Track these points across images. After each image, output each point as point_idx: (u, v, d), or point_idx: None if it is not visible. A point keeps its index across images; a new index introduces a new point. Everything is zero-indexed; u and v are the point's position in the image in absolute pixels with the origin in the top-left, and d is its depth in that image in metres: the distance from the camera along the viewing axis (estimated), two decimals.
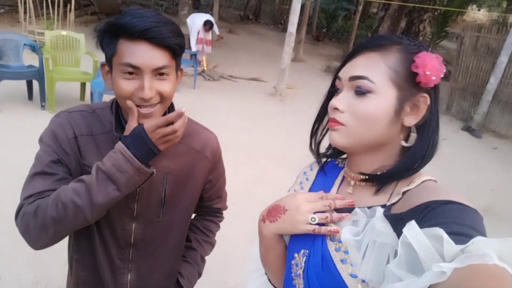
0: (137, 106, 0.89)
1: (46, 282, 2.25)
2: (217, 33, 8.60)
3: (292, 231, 0.76)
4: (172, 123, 0.88)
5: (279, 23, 17.36)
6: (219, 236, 1.35)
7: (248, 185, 3.81)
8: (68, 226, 0.88)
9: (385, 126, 0.69)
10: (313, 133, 0.86)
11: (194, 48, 7.72)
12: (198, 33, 7.86)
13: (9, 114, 4.36)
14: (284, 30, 7.11)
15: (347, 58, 0.74)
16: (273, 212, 0.78)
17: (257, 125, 5.53)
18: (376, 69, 0.69)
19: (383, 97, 0.68)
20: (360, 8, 14.06)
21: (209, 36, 8.13)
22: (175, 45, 0.88)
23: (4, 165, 3.32)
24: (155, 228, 1.08)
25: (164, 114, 1.01)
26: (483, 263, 0.46)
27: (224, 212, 1.35)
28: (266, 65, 9.17)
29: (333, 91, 0.78)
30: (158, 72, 0.88)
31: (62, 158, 0.94)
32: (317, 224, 0.72)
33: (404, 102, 0.69)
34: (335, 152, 0.87)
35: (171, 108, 1.04)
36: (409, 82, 0.68)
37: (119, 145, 0.87)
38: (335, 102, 0.72)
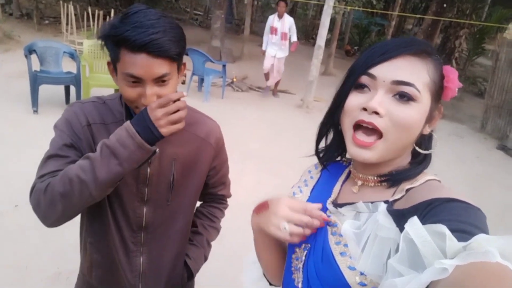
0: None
1: (68, 275, 2.33)
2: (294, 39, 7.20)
3: (264, 229, 0.75)
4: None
5: (311, 37, 17.42)
6: (238, 245, 1.35)
7: (270, 194, 3.79)
8: (74, 203, 0.92)
9: (416, 134, 0.70)
10: (323, 135, 0.84)
11: (269, 41, 6.99)
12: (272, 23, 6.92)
13: (46, 116, 4.58)
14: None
15: (384, 57, 0.68)
16: (260, 206, 0.80)
17: (282, 136, 5.53)
18: (420, 77, 0.67)
19: (423, 106, 0.67)
20: (393, 23, 13.91)
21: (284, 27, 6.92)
22: (174, 55, 0.92)
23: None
24: (164, 211, 1.15)
25: None
26: (485, 261, 0.45)
27: (244, 220, 1.36)
28: (295, 78, 9.19)
29: (350, 87, 0.72)
30: (159, 80, 0.93)
31: (75, 142, 1.00)
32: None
33: (432, 112, 0.70)
34: (340, 155, 0.87)
35: None
36: (439, 94, 0.70)
37: (126, 123, 0.91)
38: (375, 104, 0.66)
